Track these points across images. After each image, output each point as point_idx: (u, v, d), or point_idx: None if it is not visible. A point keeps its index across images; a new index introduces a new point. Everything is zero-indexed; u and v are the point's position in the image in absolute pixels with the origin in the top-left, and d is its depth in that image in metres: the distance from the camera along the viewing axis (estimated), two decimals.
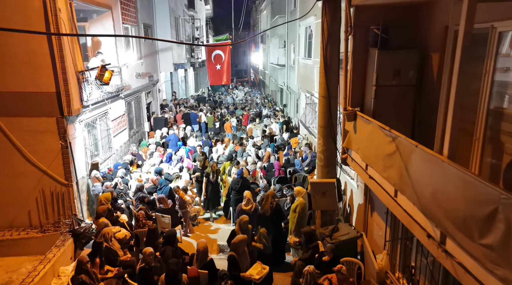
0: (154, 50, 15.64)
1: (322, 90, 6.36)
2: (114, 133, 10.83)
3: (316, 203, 6.44)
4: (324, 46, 6.16)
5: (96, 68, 8.22)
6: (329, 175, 6.55)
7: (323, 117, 6.38)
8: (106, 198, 7.32)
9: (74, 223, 7.85)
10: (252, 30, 41.87)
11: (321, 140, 6.46)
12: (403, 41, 5.35)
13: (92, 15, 10.33)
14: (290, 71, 16.88)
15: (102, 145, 10.14)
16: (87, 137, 9.04)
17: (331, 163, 6.52)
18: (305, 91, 13.45)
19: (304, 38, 12.93)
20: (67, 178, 7.95)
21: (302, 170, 9.93)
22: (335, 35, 6.08)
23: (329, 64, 6.16)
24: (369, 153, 4.82)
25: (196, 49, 20.91)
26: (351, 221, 7.73)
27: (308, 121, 12.99)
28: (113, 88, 10.29)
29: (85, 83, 8.45)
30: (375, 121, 4.54)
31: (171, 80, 19.67)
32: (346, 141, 5.76)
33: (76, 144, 8.25)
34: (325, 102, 6.32)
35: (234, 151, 12.18)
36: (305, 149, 11.41)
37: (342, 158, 6.11)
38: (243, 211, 6.80)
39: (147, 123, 14.23)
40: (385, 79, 5.20)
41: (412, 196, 3.55)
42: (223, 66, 16.77)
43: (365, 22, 5.50)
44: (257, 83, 43.50)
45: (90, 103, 8.71)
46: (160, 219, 7.44)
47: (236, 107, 22.73)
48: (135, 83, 12.73)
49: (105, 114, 10.20)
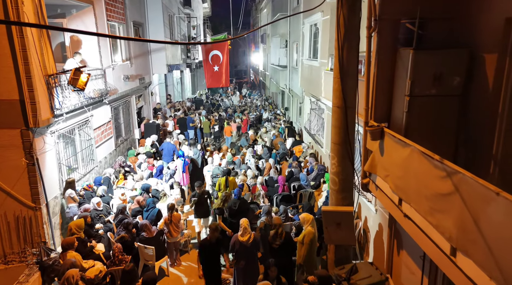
0: (146, 50, 14.47)
1: (336, 99, 5.21)
2: (97, 144, 9.67)
3: (329, 235, 5.27)
4: (340, 45, 5.01)
5: (69, 71, 7.06)
6: (344, 202, 5.39)
7: (338, 132, 5.22)
8: (77, 226, 6.17)
9: (42, 253, 6.70)
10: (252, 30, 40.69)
11: (336, 160, 5.30)
12: (444, 38, 4.21)
13: (71, 11, 9.18)
14: (292, 73, 15.73)
15: (82, 157, 8.99)
16: (62, 150, 7.89)
17: (348, 187, 5.36)
18: (310, 95, 12.30)
19: (309, 37, 11.78)
20: (34, 200, 6.80)
21: (308, 185, 8.77)
22: (354, 32, 4.93)
23: (345, 67, 5.01)
24: (405, 185, 3.66)
25: (192, 49, 19.75)
26: (367, 252, 6.58)
27: (313, 129, 11.83)
28: (95, 93, 9.13)
29: (58, 89, 7.30)
30: (416, 146, 3.39)
31: (166, 82, 18.51)
32: (368, 164, 4.60)
33: (46, 159, 7.09)
34: (341, 114, 5.16)
35: (231, 162, 11.01)
36: (310, 160, 10.25)
37: (363, 182, 4.95)
38: (239, 243, 5.64)
39: (137, 130, 13.07)
40: (422, 88, 4.04)
41: (487, 265, 2.40)
42: (221, 67, 15.64)
43: (394, 15, 4.35)
44: (257, 84, 42.33)
45: (65, 111, 7.56)
46: (142, 250, 6.29)
47: (235, 110, 21.55)
48: (123, 87, 11.57)
49: (86, 122, 9.04)
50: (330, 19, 8.72)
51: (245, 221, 5.73)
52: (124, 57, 11.93)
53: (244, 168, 10.02)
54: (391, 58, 4.48)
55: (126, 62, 11.93)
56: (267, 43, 24.72)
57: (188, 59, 19.58)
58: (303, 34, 12.19)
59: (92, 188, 8.45)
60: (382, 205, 4.84)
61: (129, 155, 11.23)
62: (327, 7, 8.91)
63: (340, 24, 4.93)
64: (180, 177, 9.94)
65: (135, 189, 8.78)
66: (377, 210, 6.29)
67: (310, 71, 11.21)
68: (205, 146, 13.76)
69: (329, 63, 8.94)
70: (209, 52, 16.41)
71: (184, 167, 9.96)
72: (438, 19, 4.17)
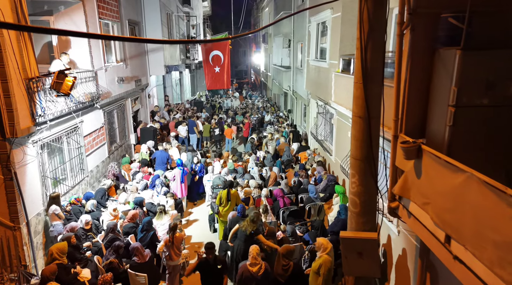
0: (143, 51, 13.73)
1: (357, 107, 4.44)
2: (88, 152, 8.93)
3: (349, 266, 4.52)
4: (363, 45, 4.24)
5: (51, 74, 6.32)
6: (366, 227, 4.62)
7: (360, 146, 4.46)
8: (59, 250, 5.41)
9: (21, 279, 5.95)
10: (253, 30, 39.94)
11: (356, 178, 4.54)
12: (493, 36, 3.46)
13: (59, 8, 8.43)
14: (296, 74, 14.99)
15: (71, 167, 8.24)
16: (46, 161, 7.14)
17: (370, 210, 4.60)
18: (317, 98, 11.55)
19: (316, 37, 11.04)
20: (13, 218, 6.06)
21: (317, 198, 8.01)
22: (380, 29, 4.16)
23: (370, 71, 4.24)
24: (456, 221, 2.91)
25: (192, 50, 19.00)
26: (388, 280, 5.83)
27: (321, 134, 11.08)
28: (86, 97, 8.39)
29: (40, 94, 6.56)
30: (474, 173, 2.64)
31: (164, 84, 17.75)
32: (399, 186, 3.86)
33: (27, 172, 6.36)
34: (363, 124, 4.40)
35: (233, 170, 10.27)
36: (319, 169, 9.50)
37: (390, 206, 4.20)
38: (248, 274, 4.88)
39: (133, 135, 12.32)
40: (471, 96, 3.30)
41: None
42: (222, 68, 14.89)
43: (434, 7, 3.60)
44: (257, 85, 41.59)
45: (49, 118, 6.81)
46: (133, 278, 5.53)
47: (236, 112, 20.78)
48: (117, 90, 10.82)
49: (75, 129, 8.30)
50: (342, 16, 7.97)
51: (254, 249, 4.94)
52: (118, 57, 11.18)
53: (248, 177, 9.26)
54: (427, 60, 3.74)
55: (121, 63, 11.19)
56: (269, 43, 23.98)
57: (188, 59, 18.83)
58: (309, 33, 11.45)
59: (81, 201, 7.70)
60: (419, 237, 4.08)
61: (123, 163, 10.48)
62: (338, 4, 8.17)
63: (364, 20, 4.16)
64: (178, 187, 9.18)
65: (128, 203, 8.03)
66: (400, 232, 5.54)
67: (318, 73, 10.46)
68: (205, 151, 13.02)
69: (340, 65, 8.20)
70: (210, 52, 15.67)
71: (183, 176, 9.20)
72: (487, 14, 3.42)
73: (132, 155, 12.15)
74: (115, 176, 9.35)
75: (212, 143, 15.47)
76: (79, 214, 7.38)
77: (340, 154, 9.01)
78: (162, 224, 7.10)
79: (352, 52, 8.12)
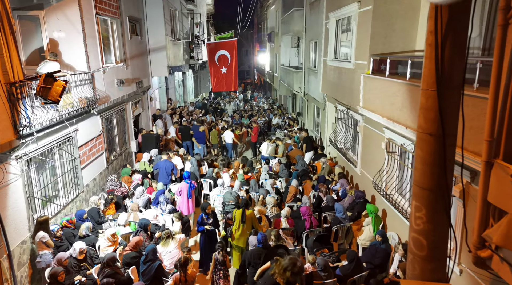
0: (144, 50, 12.72)
1: (427, 121, 3.42)
2: (83, 164, 7.92)
3: None
4: (438, 41, 3.23)
5: (36, 79, 5.32)
6: (434, 275, 3.61)
7: (428, 171, 3.44)
8: None
9: None
10: (257, 29, 38.88)
11: (423, 212, 3.52)
12: None
13: (50, 1, 7.43)
14: (309, 75, 13.97)
15: (64, 182, 7.24)
16: (34, 178, 6.14)
17: (440, 255, 3.58)
18: (336, 102, 10.54)
19: (335, 34, 10.02)
20: None
21: (345, 219, 6.98)
22: (463, 20, 3.16)
23: (447, 75, 3.23)
24: None
25: (196, 49, 17.97)
26: None
27: (341, 142, 10.06)
28: (81, 103, 7.40)
29: (26, 101, 5.55)
30: None
31: (167, 85, 16.73)
32: (502, 233, 2.84)
33: (9, 194, 5.36)
34: (434, 144, 3.38)
35: (245, 182, 9.25)
36: (342, 182, 8.47)
37: (477, 255, 3.19)
38: None
39: (134, 142, 11.31)
40: None
41: None
42: (230, 69, 13.88)
43: None
44: (259, 85, 40.56)
45: (36, 129, 5.81)
46: None
47: (241, 115, 19.72)
48: (117, 93, 9.82)
49: (69, 139, 7.30)
50: (373, 10, 6.95)
51: None
52: (118, 58, 10.17)
53: (262, 192, 8.21)
54: None
55: (121, 64, 10.17)
56: (275, 42, 22.95)
57: (191, 59, 17.80)
58: (327, 30, 10.43)
59: (74, 223, 6.69)
60: None
61: (123, 174, 9.47)
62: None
63: (442, 9, 3.15)
64: (184, 203, 8.17)
65: (128, 224, 7.02)
66: (463, 271, 4.53)
67: (338, 74, 9.44)
68: (212, 160, 12.00)
69: (370, 66, 7.19)
70: (216, 52, 14.68)
71: (190, 191, 8.18)
72: None
73: (133, 164, 11.14)
74: (112, 192, 8.34)
75: (219, 150, 14.37)
76: (72, 239, 6.39)
77: (368, 167, 7.99)
78: (169, 252, 6.09)
79: (385, 50, 7.11)
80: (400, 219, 6.28)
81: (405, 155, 6.45)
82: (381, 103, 6.41)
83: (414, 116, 5.22)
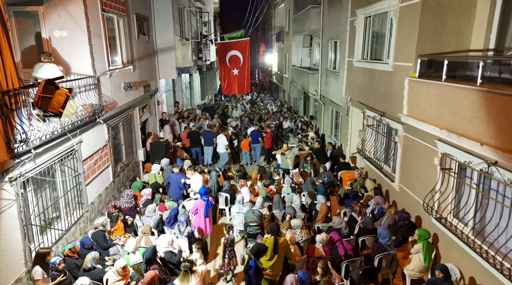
0: (152, 51, 11.81)
1: None
2: (88, 179, 7.03)
3: None
4: None
5: (34, 86, 4.42)
6: None
7: None
8: None
9: None
10: (262, 28, 37.89)
11: None
12: None
13: None
14: (327, 76, 13.04)
15: (66, 202, 6.34)
16: (32, 201, 5.24)
17: None
18: (362, 107, 9.62)
19: (363, 33, 9.11)
20: None
21: (391, 246, 6.04)
22: None
23: None
24: None
25: (204, 50, 17.05)
26: None
27: (371, 152, 9.13)
28: (86, 111, 6.50)
29: (21, 112, 4.65)
30: None
31: (174, 88, 15.81)
32: None
33: (1, 224, 4.45)
34: None
35: (267, 198, 8.32)
36: (377, 200, 7.54)
37: None
38: None
39: (141, 150, 10.39)
40: None
41: None
42: (242, 71, 13.00)
43: None
44: (266, 86, 39.62)
45: (33, 146, 4.91)
46: None
47: (250, 118, 18.72)
48: (124, 98, 8.91)
49: (71, 153, 6.39)
50: (422, 3, 6.03)
51: None
52: (125, 59, 9.27)
53: (290, 212, 7.25)
54: None
55: (128, 67, 9.26)
56: (285, 41, 22.01)
57: (200, 60, 16.88)
58: (354, 28, 9.50)
59: (78, 251, 5.79)
60: None
61: (133, 188, 8.56)
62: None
63: None
64: (201, 223, 7.26)
65: (137, 249, 6.11)
66: None
67: (369, 76, 8.53)
68: (225, 170, 11.08)
69: (417, 68, 6.26)
70: (227, 52, 13.79)
71: (207, 209, 7.27)
72: None
73: (141, 175, 10.24)
74: (116, 208, 7.43)
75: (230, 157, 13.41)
76: (76, 270, 5.50)
77: (411, 183, 7.06)
78: None
79: (434, 50, 6.19)
80: (460, 248, 5.35)
81: (465, 173, 5.53)
82: (436, 112, 5.49)
83: (493, 131, 4.30)
